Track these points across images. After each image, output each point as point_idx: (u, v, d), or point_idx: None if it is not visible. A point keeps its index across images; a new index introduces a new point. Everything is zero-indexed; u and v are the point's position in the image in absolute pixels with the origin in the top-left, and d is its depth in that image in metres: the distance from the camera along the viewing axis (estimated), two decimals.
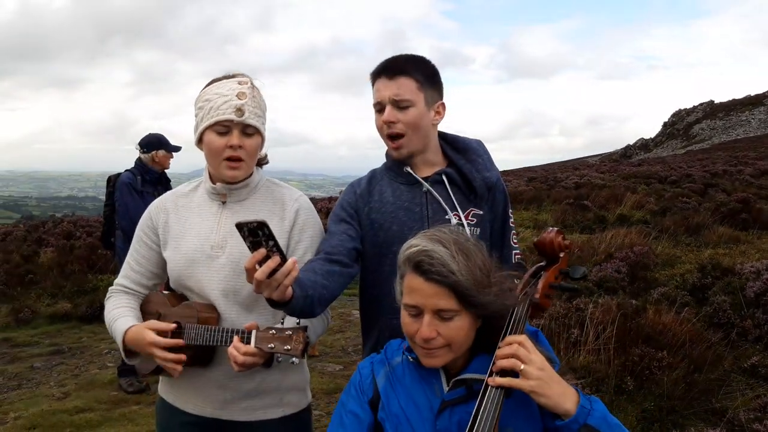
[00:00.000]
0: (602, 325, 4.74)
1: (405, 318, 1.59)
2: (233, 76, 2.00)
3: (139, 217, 5.74)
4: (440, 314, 1.53)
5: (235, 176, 2.00)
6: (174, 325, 1.94)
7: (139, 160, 5.53)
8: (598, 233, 10.76)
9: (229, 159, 1.96)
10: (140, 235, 2.15)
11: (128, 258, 2.19)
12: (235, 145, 1.94)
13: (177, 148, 5.63)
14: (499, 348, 1.50)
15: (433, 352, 1.55)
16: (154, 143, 5.53)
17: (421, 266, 1.52)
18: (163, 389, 2.19)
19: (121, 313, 2.08)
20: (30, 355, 6.79)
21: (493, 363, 1.51)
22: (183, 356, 1.90)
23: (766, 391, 4.26)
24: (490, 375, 1.49)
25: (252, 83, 2.00)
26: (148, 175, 5.47)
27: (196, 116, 2.01)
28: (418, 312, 1.55)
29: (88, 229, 14.83)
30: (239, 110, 1.92)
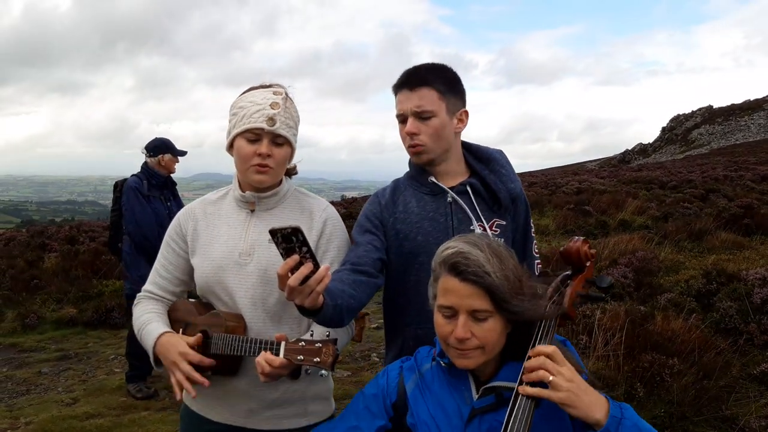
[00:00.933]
0: (611, 332, 4.76)
1: (439, 319, 1.62)
2: (269, 86, 2.02)
3: (146, 221, 5.73)
4: (475, 315, 1.55)
5: (262, 181, 2.01)
6: (209, 361, 1.94)
7: (145, 165, 5.56)
8: (601, 239, 10.78)
9: (258, 165, 1.98)
10: (168, 242, 2.17)
11: (156, 265, 2.19)
12: (264, 154, 1.96)
13: (183, 153, 5.67)
14: (528, 359, 1.51)
15: (467, 353, 1.57)
16: (161, 147, 5.56)
17: (458, 267, 1.55)
18: (188, 396, 2.20)
19: (151, 318, 2.09)
20: (37, 360, 6.81)
21: (523, 372, 1.52)
22: (206, 382, 1.91)
23: None
24: (520, 384, 1.51)
25: (286, 94, 2.02)
26: (155, 179, 5.50)
27: (229, 122, 2.04)
28: (452, 313, 1.58)
29: (91, 233, 14.85)
30: (271, 120, 1.95)
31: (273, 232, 1.56)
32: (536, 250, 2.25)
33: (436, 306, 1.63)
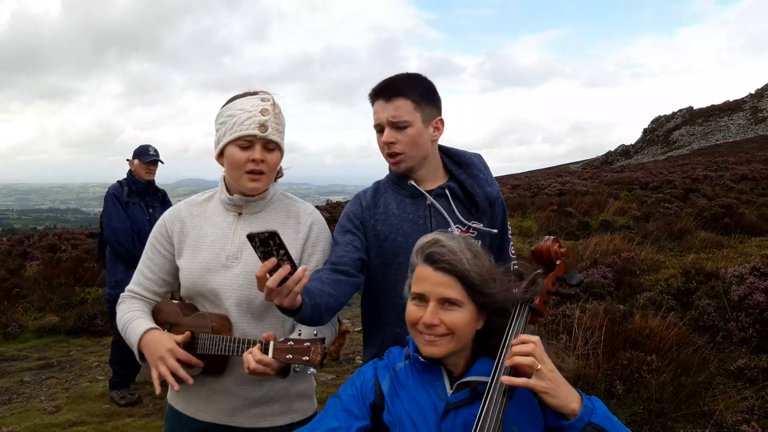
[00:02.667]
0: (590, 331, 4.81)
1: (410, 307, 1.67)
2: (256, 93, 2.06)
3: (120, 228, 5.74)
4: (445, 303, 1.61)
5: (255, 188, 2.05)
6: (196, 362, 1.97)
7: (129, 171, 5.61)
8: (583, 239, 10.89)
9: (251, 172, 2.02)
10: (153, 243, 2.19)
11: (140, 265, 2.21)
12: (258, 159, 2.00)
13: (153, 161, 5.57)
14: (513, 345, 1.55)
15: (434, 341, 1.62)
16: (135, 152, 5.61)
17: (432, 256, 1.62)
18: (173, 397, 2.21)
19: (136, 316, 2.11)
20: (19, 369, 6.76)
21: (500, 359, 1.57)
22: (190, 379, 1.94)
23: (752, 394, 4.35)
24: (499, 375, 1.54)
25: (274, 100, 2.06)
26: (135, 185, 5.53)
27: (217, 131, 2.07)
28: (423, 300, 1.63)
29: (73, 241, 14.75)
30: (263, 126, 1.98)
31: (251, 237, 1.60)
32: (513, 252, 2.31)
33: (410, 294, 1.68)
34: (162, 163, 5.66)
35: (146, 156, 5.55)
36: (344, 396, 1.76)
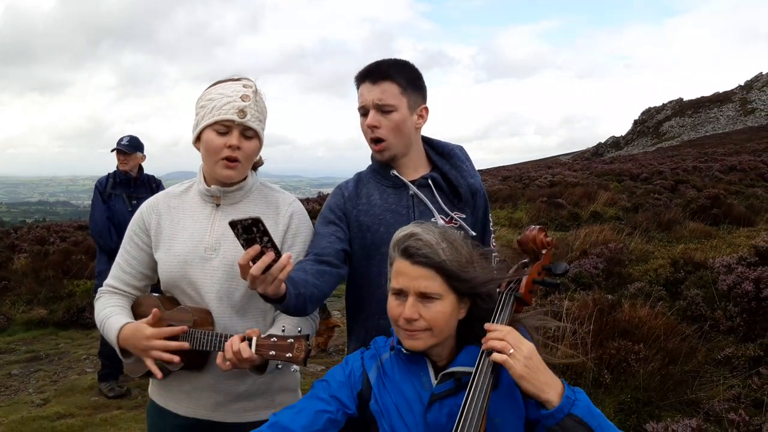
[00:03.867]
0: (579, 320, 4.83)
1: (391, 302, 1.66)
2: (238, 79, 2.02)
3: (99, 220, 5.73)
4: (424, 297, 1.60)
5: (230, 176, 2.01)
6: (180, 329, 1.94)
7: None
8: (573, 230, 10.92)
9: (227, 159, 1.98)
10: (131, 236, 2.15)
11: (118, 259, 2.17)
12: (234, 146, 1.96)
13: (116, 150, 5.48)
14: (487, 331, 1.56)
15: (415, 334, 1.61)
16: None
17: (408, 250, 1.60)
18: (155, 392, 2.19)
19: (112, 312, 2.07)
20: (7, 362, 6.72)
21: (484, 350, 1.56)
22: (186, 344, 1.91)
23: (739, 382, 4.38)
24: (483, 364, 1.54)
25: (256, 88, 2.02)
26: (118, 177, 5.51)
27: (196, 115, 2.03)
28: (403, 295, 1.62)
29: (62, 234, 14.65)
30: (242, 112, 1.95)
31: (233, 224, 1.57)
32: (494, 243, 2.31)
33: (390, 289, 1.67)
34: (136, 152, 5.52)
35: (116, 146, 5.51)
36: (333, 382, 1.75)
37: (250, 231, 1.58)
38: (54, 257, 10.89)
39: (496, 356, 1.50)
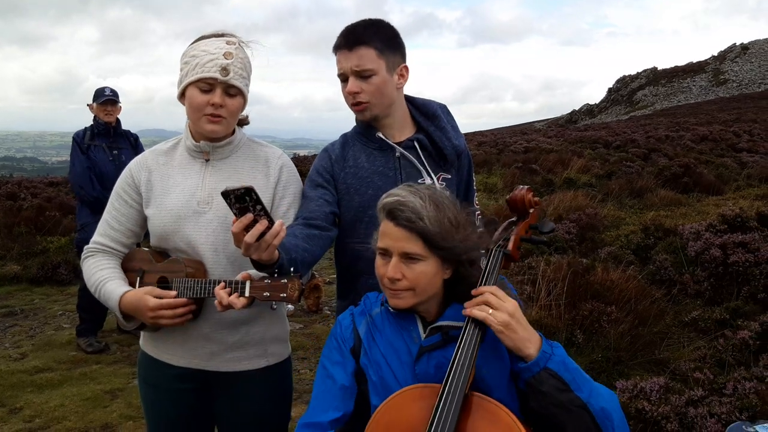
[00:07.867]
0: (553, 282, 4.96)
1: (377, 261, 1.72)
2: (222, 35, 2.01)
3: (79, 171, 5.71)
4: (407, 257, 1.65)
5: (214, 130, 2.01)
6: (173, 293, 1.96)
7: (94, 116, 5.56)
8: (547, 196, 11.05)
9: (211, 115, 1.98)
10: (120, 193, 2.14)
11: (106, 216, 2.16)
12: (217, 104, 1.96)
13: (107, 101, 5.48)
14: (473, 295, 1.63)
15: (398, 293, 1.68)
16: (93, 96, 5.59)
17: (393, 213, 1.65)
18: (147, 344, 2.20)
19: (107, 276, 2.07)
20: None
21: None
22: (193, 305, 1.95)
23: (704, 344, 4.56)
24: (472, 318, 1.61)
25: (240, 44, 2.01)
26: (97, 128, 5.49)
27: (180, 71, 2.02)
28: (387, 255, 1.68)
29: (33, 190, 14.41)
30: (224, 69, 1.94)
31: (225, 194, 1.59)
32: (477, 202, 2.38)
33: (376, 248, 1.73)
34: (119, 103, 5.56)
35: (101, 97, 5.48)
36: (329, 352, 1.81)
37: (242, 200, 1.60)
38: (27, 212, 10.74)
39: (476, 312, 1.57)
